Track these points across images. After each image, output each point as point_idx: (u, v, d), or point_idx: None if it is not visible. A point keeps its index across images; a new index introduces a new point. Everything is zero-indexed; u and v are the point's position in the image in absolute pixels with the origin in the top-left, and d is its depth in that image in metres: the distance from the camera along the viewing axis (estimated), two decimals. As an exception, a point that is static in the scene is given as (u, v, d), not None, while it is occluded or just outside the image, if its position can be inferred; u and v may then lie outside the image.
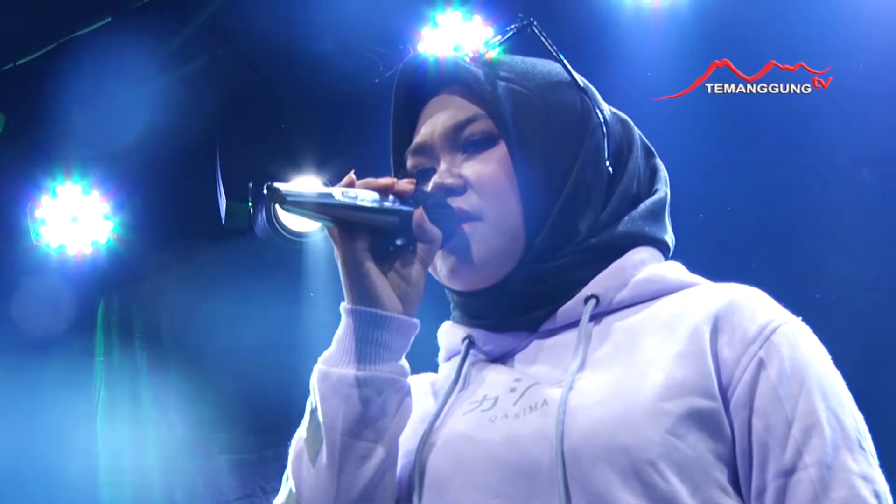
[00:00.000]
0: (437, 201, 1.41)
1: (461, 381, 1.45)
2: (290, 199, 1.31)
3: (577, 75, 1.50)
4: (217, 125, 4.30)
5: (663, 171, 1.54)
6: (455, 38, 3.98)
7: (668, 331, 1.35)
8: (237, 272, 4.52)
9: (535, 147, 1.43)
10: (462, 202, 1.42)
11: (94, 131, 4.21)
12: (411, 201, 1.39)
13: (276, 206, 1.37)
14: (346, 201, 1.34)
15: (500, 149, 1.44)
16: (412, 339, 1.40)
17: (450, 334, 1.51)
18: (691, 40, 3.96)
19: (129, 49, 3.99)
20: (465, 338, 1.47)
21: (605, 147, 1.47)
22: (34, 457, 4.42)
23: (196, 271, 4.61)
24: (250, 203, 4.22)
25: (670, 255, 1.51)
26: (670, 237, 1.51)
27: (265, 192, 1.31)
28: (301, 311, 4.39)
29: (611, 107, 1.54)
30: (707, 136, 3.94)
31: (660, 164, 1.55)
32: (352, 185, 1.37)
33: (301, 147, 4.24)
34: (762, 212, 4.02)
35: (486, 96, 1.45)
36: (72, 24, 4.07)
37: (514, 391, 1.38)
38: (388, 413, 1.36)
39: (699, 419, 1.29)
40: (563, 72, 1.49)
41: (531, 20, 1.51)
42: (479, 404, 1.39)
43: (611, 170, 1.47)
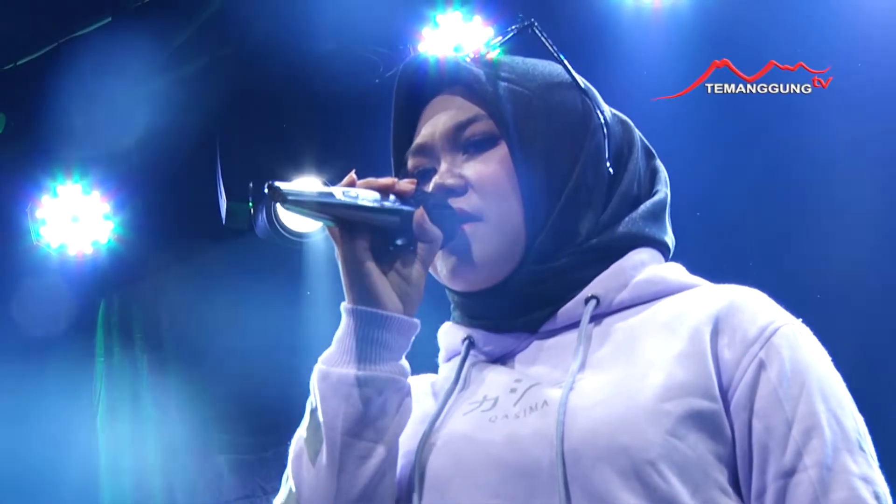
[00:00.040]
0: (438, 201, 1.41)
1: (461, 381, 1.44)
2: (291, 197, 1.31)
3: (577, 76, 1.50)
4: (217, 125, 4.29)
5: (663, 173, 1.54)
6: (455, 38, 3.97)
7: (668, 332, 1.35)
8: (237, 272, 4.52)
9: (536, 148, 1.43)
10: (463, 203, 1.42)
11: (94, 131, 4.21)
12: (412, 201, 1.39)
13: (277, 205, 1.37)
14: (346, 200, 1.34)
15: (501, 149, 1.44)
16: (412, 339, 1.40)
17: (450, 335, 1.51)
18: (691, 40, 3.96)
19: (129, 49, 3.99)
20: (465, 338, 1.47)
21: (605, 148, 1.47)
22: (35, 457, 4.41)
23: (196, 271, 4.61)
24: (251, 203, 4.21)
25: (670, 256, 1.51)
26: (670, 238, 1.51)
27: (266, 190, 1.31)
28: (301, 312, 4.38)
29: (611, 108, 1.53)
30: (707, 136, 3.94)
31: (660, 165, 1.55)
32: (353, 184, 1.37)
33: (301, 147, 4.24)
34: (762, 212, 4.02)
35: (487, 97, 1.44)
36: (72, 24, 4.07)
37: (514, 392, 1.38)
38: (388, 413, 1.36)
39: (699, 420, 1.29)
40: (564, 73, 1.49)
41: (532, 21, 1.51)
42: (480, 405, 1.39)
43: (611, 171, 1.47)
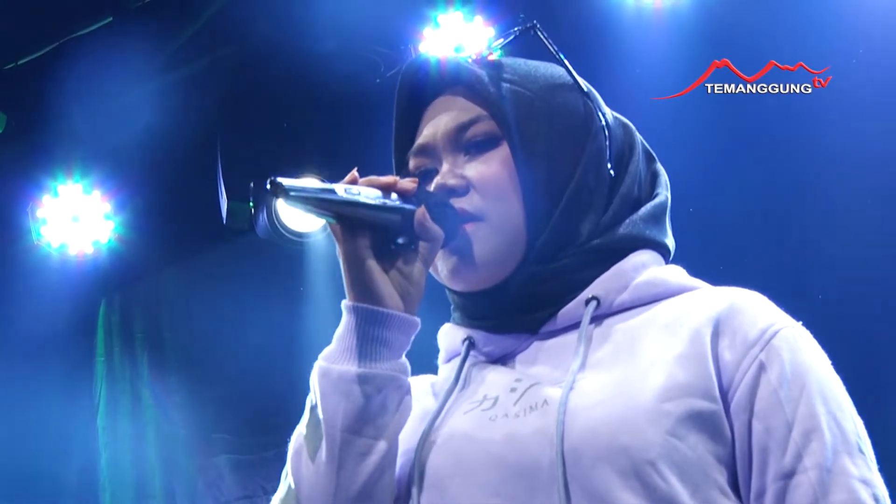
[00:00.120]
0: (440, 200, 1.41)
1: (461, 381, 1.44)
2: (292, 193, 1.31)
3: (579, 78, 1.50)
4: (218, 125, 4.30)
5: (664, 176, 1.54)
6: (456, 38, 3.98)
7: (668, 333, 1.36)
8: (238, 272, 4.52)
9: (537, 149, 1.43)
10: (464, 203, 1.42)
11: (95, 131, 4.21)
12: (414, 200, 1.39)
13: (278, 203, 1.37)
14: (348, 197, 1.34)
15: (503, 150, 1.44)
16: (413, 338, 1.40)
17: (450, 336, 1.51)
18: (691, 40, 3.96)
19: (130, 49, 3.99)
20: (465, 339, 1.47)
21: (607, 150, 1.47)
22: (35, 457, 4.42)
23: (197, 271, 4.61)
24: (251, 203, 4.22)
25: (671, 258, 1.51)
26: (671, 241, 1.51)
27: (268, 186, 1.31)
28: (302, 311, 4.39)
29: (612, 111, 1.54)
30: (707, 136, 3.94)
31: (661, 168, 1.55)
32: (354, 182, 1.36)
33: (302, 147, 4.25)
34: (762, 211, 4.02)
35: (489, 98, 1.44)
36: (73, 24, 4.07)
37: (514, 391, 1.38)
38: (388, 410, 1.36)
39: (699, 421, 1.29)
40: (566, 75, 1.49)
41: (534, 23, 1.51)
42: (480, 404, 1.39)
43: (612, 173, 1.47)
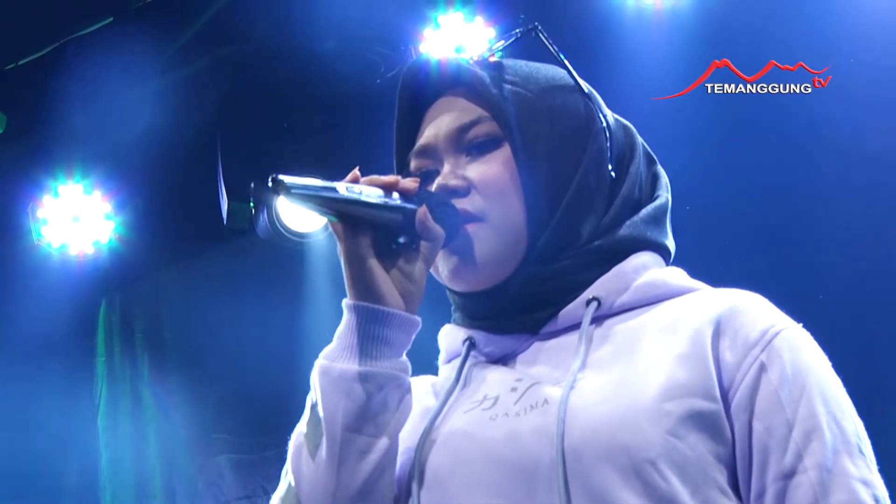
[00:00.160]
0: (441, 200, 1.41)
1: (462, 380, 1.45)
2: (294, 190, 1.31)
3: (580, 80, 1.50)
4: (218, 125, 4.30)
5: (665, 178, 1.54)
6: (457, 39, 3.98)
7: (669, 333, 1.36)
8: (238, 272, 4.53)
9: (539, 150, 1.43)
10: (465, 203, 1.42)
11: (95, 131, 4.22)
12: (415, 199, 1.39)
13: (279, 202, 1.37)
14: (350, 196, 1.34)
15: (504, 151, 1.44)
16: (413, 337, 1.41)
17: (450, 336, 1.51)
18: (692, 40, 3.97)
19: (130, 49, 3.99)
20: (465, 339, 1.47)
21: (608, 152, 1.47)
22: (35, 457, 4.42)
23: (198, 271, 4.62)
24: (252, 203, 4.22)
25: (671, 260, 1.52)
26: (671, 242, 1.51)
27: (270, 183, 1.30)
28: (302, 311, 4.39)
29: (613, 113, 1.54)
30: (707, 136, 3.94)
31: (661, 171, 1.55)
32: (356, 181, 1.37)
33: (302, 147, 4.24)
34: (762, 212, 4.03)
35: (491, 99, 1.45)
36: (73, 24, 4.08)
37: (514, 390, 1.38)
38: (388, 409, 1.37)
39: (700, 420, 1.29)
40: (567, 76, 1.50)
41: (536, 24, 1.52)
42: (480, 403, 1.39)
43: (613, 174, 1.47)
